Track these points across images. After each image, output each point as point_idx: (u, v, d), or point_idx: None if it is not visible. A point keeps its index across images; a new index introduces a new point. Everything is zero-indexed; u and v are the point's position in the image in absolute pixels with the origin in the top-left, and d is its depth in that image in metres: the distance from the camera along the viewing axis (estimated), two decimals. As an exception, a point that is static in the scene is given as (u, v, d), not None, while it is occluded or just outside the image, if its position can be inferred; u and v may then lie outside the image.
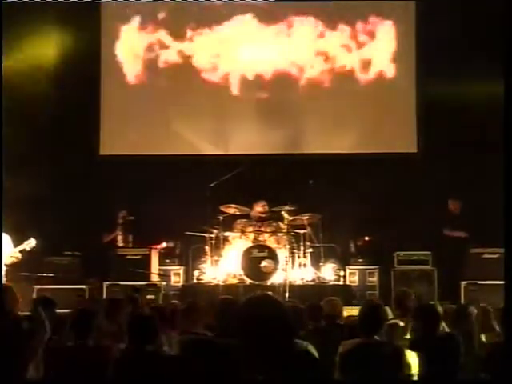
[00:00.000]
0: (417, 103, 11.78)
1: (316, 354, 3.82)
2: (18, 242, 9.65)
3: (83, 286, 10.56)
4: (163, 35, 12.06)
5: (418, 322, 5.35)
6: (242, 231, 10.72)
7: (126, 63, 12.15)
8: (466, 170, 11.08)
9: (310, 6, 11.93)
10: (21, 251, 9.59)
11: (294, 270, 10.47)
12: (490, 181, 9.71)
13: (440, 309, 5.48)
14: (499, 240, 6.01)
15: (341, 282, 10.64)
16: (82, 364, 4.81)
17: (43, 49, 11.60)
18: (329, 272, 10.66)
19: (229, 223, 10.78)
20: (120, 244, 11.35)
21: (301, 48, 12.00)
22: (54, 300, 6.40)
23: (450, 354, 5.06)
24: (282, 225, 10.67)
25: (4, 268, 9.28)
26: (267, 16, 11.98)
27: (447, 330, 5.59)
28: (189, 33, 12.06)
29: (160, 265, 11.19)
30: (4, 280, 8.92)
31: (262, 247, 10.41)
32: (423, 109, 11.69)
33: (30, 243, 9.64)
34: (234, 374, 3.19)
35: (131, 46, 12.14)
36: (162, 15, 12.03)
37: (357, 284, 10.88)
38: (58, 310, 6.40)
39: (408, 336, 5.65)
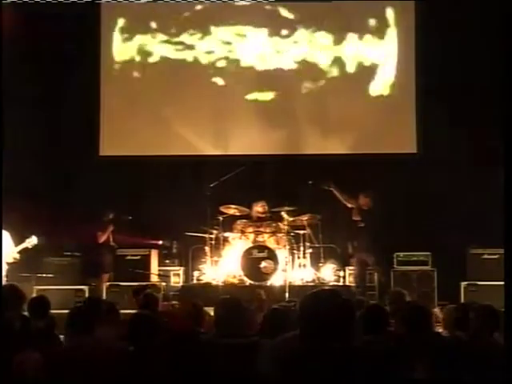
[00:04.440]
0: (417, 103, 11.77)
1: None
2: (18, 240, 9.65)
3: (83, 287, 10.57)
4: (164, 35, 12.06)
5: (405, 324, 5.29)
6: (242, 232, 10.72)
7: (126, 63, 12.14)
8: (465, 170, 11.08)
9: (309, 6, 11.93)
10: (21, 250, 9.57)
11: (293, 270, 10.47)
12: (489, 181, 9.71)
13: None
14: (499, 240, 6.01)
15: (340, 283, 10.64)
16: (82, 364, 4.80)
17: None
18: (328, 272, 10.67)
19: (229, 224, 10.78)
20: (112, 244, 11.30)
21: (301, 49, 11.99)
22: (48, 299, 6.39)
23: (439, 355, 5.02)
24: (281, 225, 10.66)
25: (5, 267, 9.27)
26: (269, 17, 11.98)
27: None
28: (189, 33, 12.05)
29: (160, 265, 11.20)
30: (4, 280, 8.92)
31: (261, 248, 10.41)
32: (423, 109, 11.69)
33: (32, 241, 9.62)
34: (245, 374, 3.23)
35: (131, 47, 12.12)
36: (162, 15, 12.02)
37: (356, 284, 10.89)
38: (58, 311, 6.41)
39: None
